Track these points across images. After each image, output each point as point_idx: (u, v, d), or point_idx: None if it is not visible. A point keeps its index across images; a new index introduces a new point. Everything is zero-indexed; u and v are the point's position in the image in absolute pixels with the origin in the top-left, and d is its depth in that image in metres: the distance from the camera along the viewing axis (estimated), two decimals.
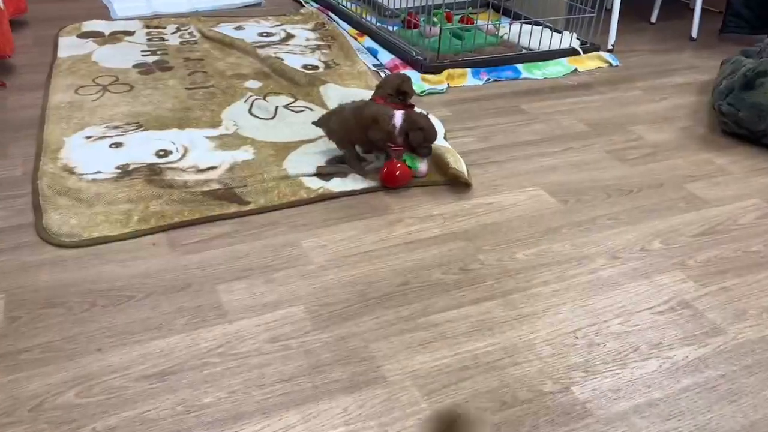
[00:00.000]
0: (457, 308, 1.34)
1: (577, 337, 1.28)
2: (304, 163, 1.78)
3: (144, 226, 1.51)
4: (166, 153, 1.81)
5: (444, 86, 2.37)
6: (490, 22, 2.72)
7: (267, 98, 2.15)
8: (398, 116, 1.69)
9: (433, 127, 1.70)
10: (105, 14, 2.96)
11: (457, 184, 1.75)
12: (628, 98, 2.40)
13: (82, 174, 1.68)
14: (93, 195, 1.59)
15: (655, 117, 2.25)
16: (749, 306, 1.38)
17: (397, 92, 1.89)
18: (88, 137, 1.87)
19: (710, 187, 1.83)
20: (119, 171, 1.70)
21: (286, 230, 1.55)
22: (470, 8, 2.87)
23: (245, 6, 3.18)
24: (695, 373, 1.21)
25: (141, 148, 1.82)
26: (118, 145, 1.83)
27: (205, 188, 1.65)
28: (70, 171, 1.69)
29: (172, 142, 1.86)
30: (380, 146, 1.72)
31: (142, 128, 1.94)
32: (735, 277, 1.47)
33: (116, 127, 1.93)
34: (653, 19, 3.34)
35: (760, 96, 1.99)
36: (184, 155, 1.80)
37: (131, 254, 1.45)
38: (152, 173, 1.70)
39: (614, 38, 2.83)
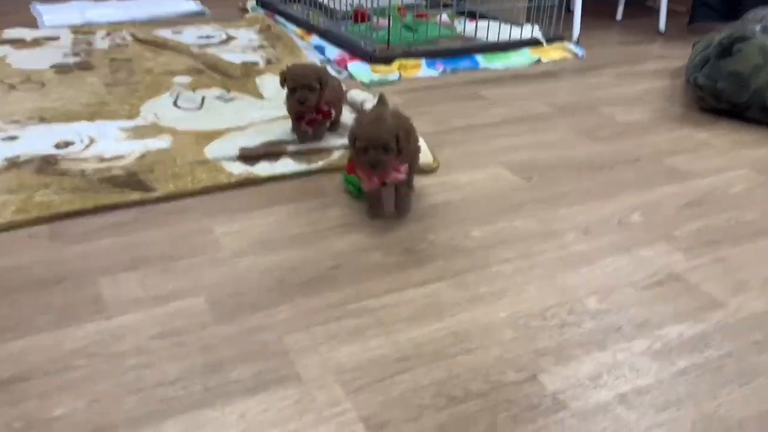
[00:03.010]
0: (398, 291, 1.09)
1: (545, 318, 1.03)
2: (228, 148, 1.54)
3: (21, 217, 1.25)
4: (67, 144, 1.56)
5: (395, 75, 2.16)
6: (443, 14, 2.54)
7: (195, 91, 1.92)
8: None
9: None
10: (34, 25, 2.74)
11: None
12: (596, 84, 2.21)
13: None
14: None
15: (626, 99, 2.05)
16: (750, 276, 1.15)
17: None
18: None
19: (693, 161, 1.61)
20: (6, 163, 1.45)
21: (197, 217, 1.30)
22: (425, 5, 2.70)
23: (187, 15, 2.98)
24: (693, 352, 0.96)
25: (39, 140, 1.57)
26: (12, 138, 1.58)
27: (105, 175, 1.39)
28: None
29: (78, 134, 1.61)
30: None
31: (45, 122, 1.69)
32: (731, 247, 1.23)
33: (15, 122, 1.68)
34: (618, 16, 3.20)
35: (738, 63, 1.79)
36: (88, 146, 1.55)
37: None
38: (45, 164, 1.44)
39: (578, 31, 2.66)
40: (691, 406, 0.87)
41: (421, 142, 1.38)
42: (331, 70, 2.24)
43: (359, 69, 2.18)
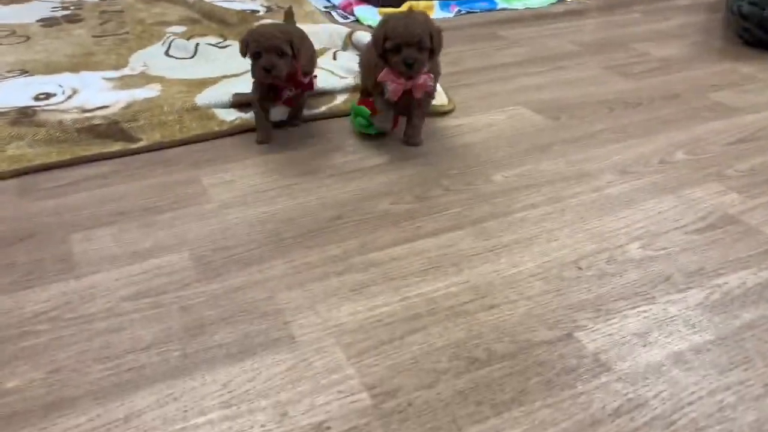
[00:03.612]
0: (408, 242, 0.94)
1: (580, 268, 0.88)
2: (220, 95, 1.39)
3: None
4: (48, 96, 1.42)
5: None
6: None
7: (189, 39, 1.77)
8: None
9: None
10: None
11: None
12: (626, 20, 2.01)
13: None
14: None
15: (660, 35, 1.86)
16: None
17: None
18: None
19: (740, 95, 1.44)
20: None
21: (184, 167, 1.16)
22: None
23: None
24: (760, 303, 0.81)
25: (17, 92, 1.44)
26: None
27: (84, 125, 1.26)
28: None
29: (60, 85, 1.48)
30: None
31: (27, 74, 1.56)
32: None
33: None
34: None
35: None
36: (70, 97, 1.41)
37: None
38: (22, 116, 1.31)
39: None
40: (763, 365, 0.72)
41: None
42: (337, 16, 2.07)
43: (366, 13, 2.01)
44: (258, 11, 2.09)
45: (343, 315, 0.81)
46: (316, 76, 1.33)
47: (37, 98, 1.41)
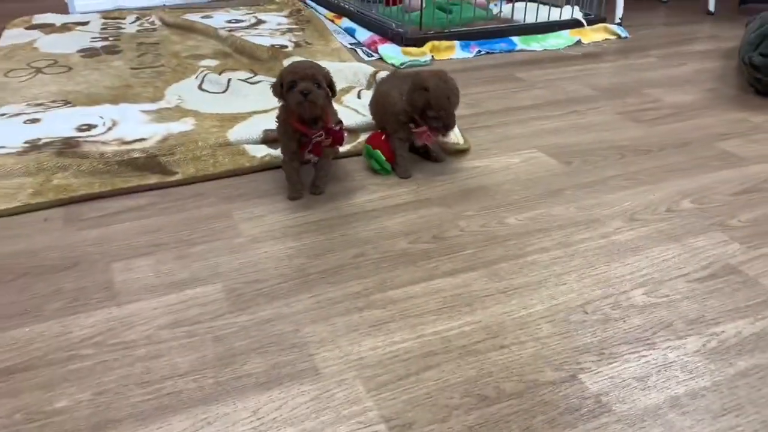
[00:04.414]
0: (425, 281, 1.01)
1: (586, 312, 0.94)
2: (251, 131, 1.47)
3: (37, 200, 1.21)
4: (89, 127, 1.52)
5: (427, 58, 2.07)
6: None
7: (221, 74, 1.87)
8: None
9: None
10: (64, 11, 2.73)
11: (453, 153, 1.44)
12: (641, 65, 2.08)
13: None
14: None
15: (674, 80, 1.93)
16: None
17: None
18: (2, 115, 1.59)
19: (748, 144, 1.49)
20: (27, 146, 1.41)
21: (215, 201, 1.24)
22: None
23: None
24: (754, 352, 0.86)
25: (61, 123, 1.54)
26: (34, 121, 1.55)
27: (125, 158, 1.35)
28: None
29: (100, 117, 1.58)
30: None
31: (69, 105, 1.66)
32: None
33: (38, 105, 1.65)
34: None
35: None
36: (110, 128, 1.51)
37: (12, 232, 1.14)
38: (66, 146, 1.40)
39: (621, 12, 2.53)
40: (753, 412, 0.77)
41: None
42: (362, 54, 2.16)
43: (390, 51, 2.10)
44: (286, 46, 2.19)
45: (363, 350, 0.87)
46: (344, 128, 1.29)
47: (79, 129, 1.51)
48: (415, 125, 1.30)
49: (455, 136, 1.45)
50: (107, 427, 0.76)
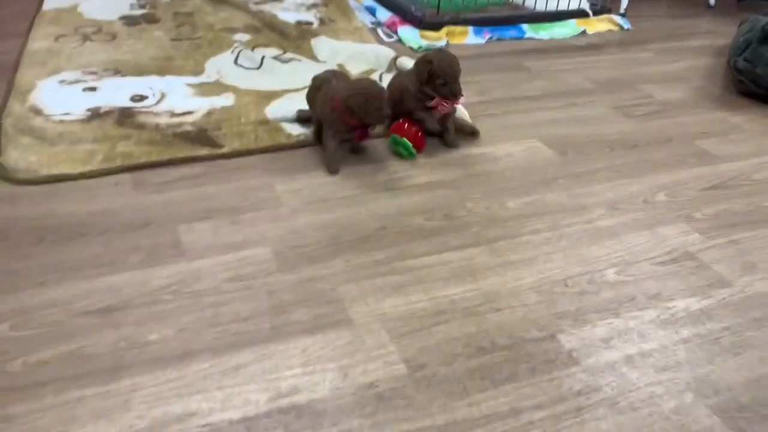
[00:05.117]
0: (437, 253, 1.23)
1: (567, 285, 1.16)
2: (286, 109, 1.67)
3: (108, 165, 1.42)
4: (141, 98, 1.71)
5: (443, 42, 2.25)
6: None
7: (254, 50, 2.05)
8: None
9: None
10: None
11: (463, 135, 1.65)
12: (639, 59, 2.26)
13: (50, 115, 1.59)
14: (57, 134, 1.50)
15: (666, 77, 2.11)
16: (760, 259, 1.25)
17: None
18: (62, 81, 1.77)
19: (723, 144, 1.70)
20: (89, 113, 1.61)
21: (259, 173, 1.45)
22: None
23: None
24: (696, 324, 1.09)
25: (116, 92, 1.73)
26: (92, 89, 1.74)
27: (178, 130, 1.54)
28: (38, 112, 1.60)
29: (150, 88, 1.76)
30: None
31: (120, 74, 1.84)
32: (745, 231, 1.34)
33: (92, 72, 1.84)
34: None
35: None
36: (160, 100, 1.70)
37: (90, 193, 1.35)
38: (124, 116, 1.60)
39: (626, 2, 2.69)
40: (688, 369, 1.00)
41: (462, 110, 1.59)
42: (381, 34, 2.33)
43: (409, 34, 2.27)
44: (312, 23, 2.36)
45: (386, 306, 1.09)
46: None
47: (133, 99, 1.70)
48: (430, 99, 1.49)
49: (466, 117, 1.65)
50: (189, 356, 0.98)
